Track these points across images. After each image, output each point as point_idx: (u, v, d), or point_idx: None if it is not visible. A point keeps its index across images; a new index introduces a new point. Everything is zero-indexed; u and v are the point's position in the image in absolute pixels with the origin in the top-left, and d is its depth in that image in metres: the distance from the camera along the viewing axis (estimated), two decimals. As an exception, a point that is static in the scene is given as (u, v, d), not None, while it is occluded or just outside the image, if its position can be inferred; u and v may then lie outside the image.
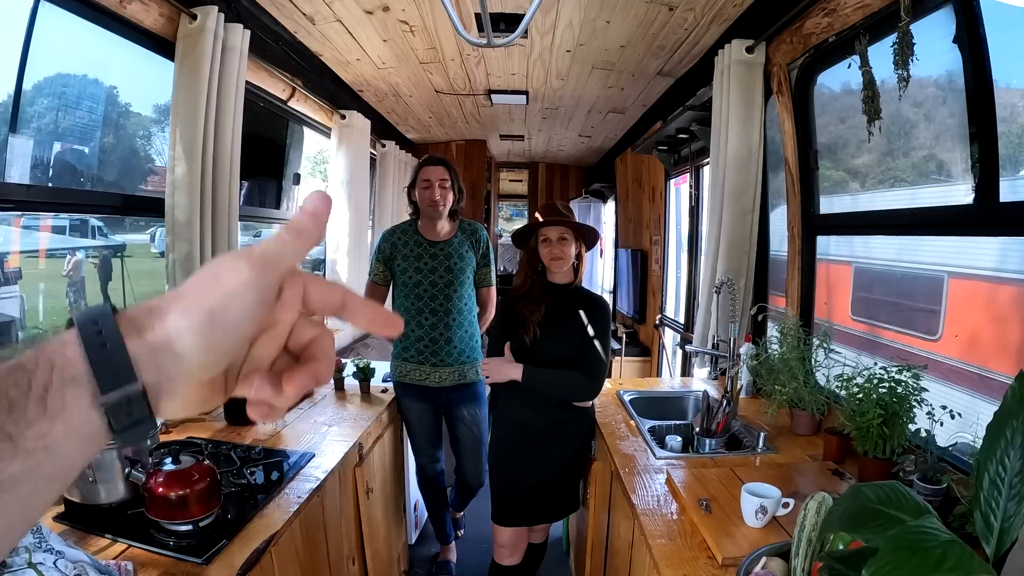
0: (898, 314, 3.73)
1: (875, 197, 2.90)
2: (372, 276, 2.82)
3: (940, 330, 3.47)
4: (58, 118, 2.61)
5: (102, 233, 7.43)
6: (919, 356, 3.39)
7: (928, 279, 3.49)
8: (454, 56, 3.58)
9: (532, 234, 2.34)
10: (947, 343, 3.41)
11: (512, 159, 8.28)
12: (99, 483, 1.55)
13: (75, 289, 4.62)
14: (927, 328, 3.55)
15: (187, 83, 2.28)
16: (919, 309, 3.63)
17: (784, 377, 2.29)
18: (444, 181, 2.68)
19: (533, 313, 2.27)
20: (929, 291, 3.49)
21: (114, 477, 1.56)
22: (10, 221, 3.80)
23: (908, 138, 2.65)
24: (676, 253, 5.03)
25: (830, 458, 2.05)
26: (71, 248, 4.68)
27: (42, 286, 4.94)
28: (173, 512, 1.46)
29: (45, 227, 5.22)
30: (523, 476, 2.36)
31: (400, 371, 2.78)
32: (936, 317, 3.47)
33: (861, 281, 3.81)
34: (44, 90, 2.49)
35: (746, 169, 2.76)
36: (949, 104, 2.18)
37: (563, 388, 2.28)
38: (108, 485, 1.56)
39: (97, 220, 7.08)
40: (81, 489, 1.56)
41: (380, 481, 2.63)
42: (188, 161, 2.30)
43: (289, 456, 2.05)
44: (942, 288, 3.41)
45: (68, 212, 2.86)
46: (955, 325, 3.36)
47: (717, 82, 2.90)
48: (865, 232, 2.72)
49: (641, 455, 2.12)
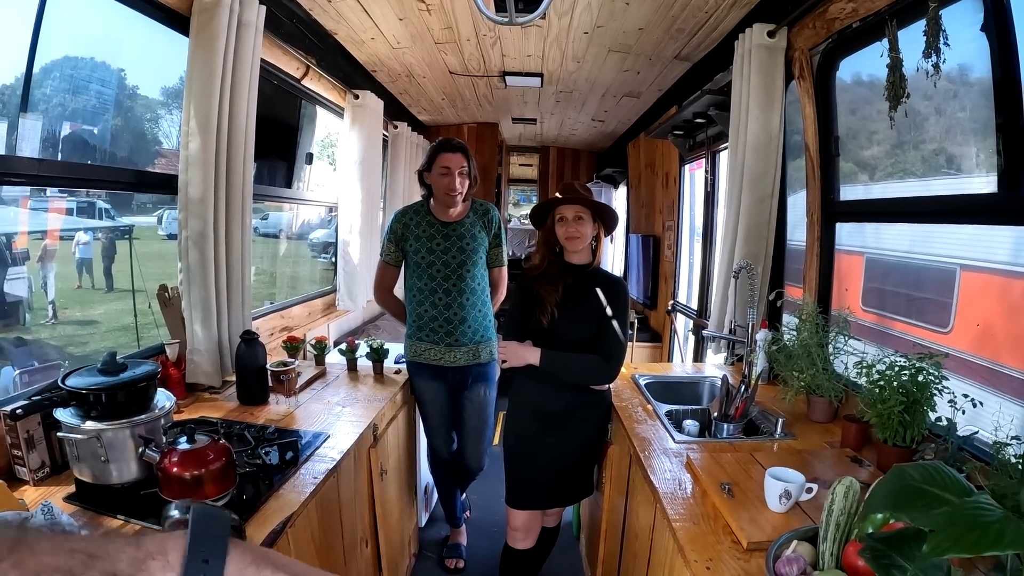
0: (909, 306, 3.73)
1: (887, 188, 2.87)
2: (384, 257, 2.80)
3: (951, 323, 3.48)
4: (67, 100, 2.60)
5: (109, 215, 7.44)
6: (929, 348, 3.36)
7: (940, 271, 3.46)
8: (470, 36, 3.54)
9: (549, 212, 2.30)
10: (958, 336, 3.42)
11: (523, 143, 8.26)
12: (111, 463, 1.53)
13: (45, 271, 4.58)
14: (938, 321, 3.54)
15: (202, 58, 2.25)
16: (930, 301, 3.62)
17: (803, 364, 2.27)
18: (463, 169, 2.64)
19: (550, 294, 2.24)
20: (941, 283, 3.48)
21: (127, 456, 1.54)
22: (18, 202, 3.81)
23: (919, 130, 2.61)
24: (689, 239, 4.99)
25: (848, 445, 2.04)
26: (74, 229, 4.66)
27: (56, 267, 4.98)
28: (188, 492, 1.43)
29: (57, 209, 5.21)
30: (539, 459, 2.34)
31: (414, 351, 2.77)
32: (947, 310, 3.46)
33: (872, 272, 3.78)
34: (53, 72, 2.48)
35: (765, 154, 2.73)
36: (961, 97, 2.19)
37: (581, 372, 2.25)
38: (120, 465, 1.55)
39: (104, 203, 7.10)
40: (92, 468, 1.55)
41: (394, 462, 2.63)
42: (203, 137, 2.27)
43: (303, 436, 2.04)
44: (954, 281, 3.39)
45: (82, 187, 2.84)
46: (967, 318, 3.35)
47: (737, 66, 2.86)
48: (885, 219, 2.68)
49: (659, 439, 2.10)
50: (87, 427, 1.52)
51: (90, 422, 1.53)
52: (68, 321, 6.61)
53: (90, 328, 6.68)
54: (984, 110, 1.90)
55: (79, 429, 1.52)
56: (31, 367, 3.82)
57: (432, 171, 2.66)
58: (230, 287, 2.51)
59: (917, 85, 1.98)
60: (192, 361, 2.42)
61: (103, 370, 1.60)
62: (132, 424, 1.57)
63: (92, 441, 1.52)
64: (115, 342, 6.06)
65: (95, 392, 1.54)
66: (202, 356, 2.42)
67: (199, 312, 2.39)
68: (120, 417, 1.56)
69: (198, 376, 2.43)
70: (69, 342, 6.24)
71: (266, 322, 3.29)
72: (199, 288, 2.37)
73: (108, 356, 1.62)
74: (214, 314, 2.41)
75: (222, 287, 2.45)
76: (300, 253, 5.99)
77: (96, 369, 1.61)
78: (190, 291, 2.38)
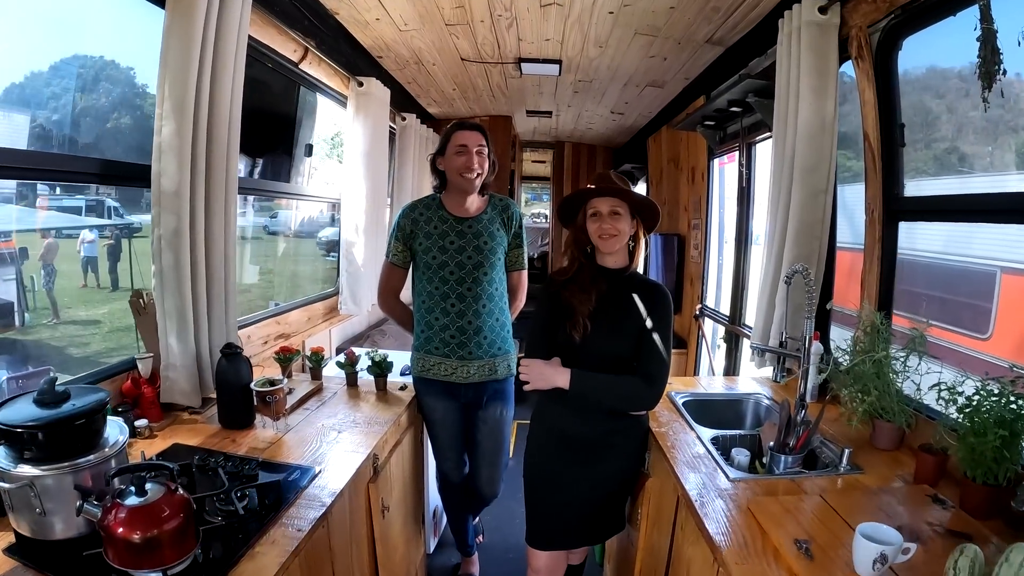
0: (943, 310, 3.54)
1: (920, 185, 2.59)
2: (390, 257, 2.47)
3: (991, 328, 3.32)
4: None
5: (118, 213, 7.22)
6: (965, 356, 3.24)
7: (979, 274, 3.33)
8: (483, 17, 3.24)
9: (580, 207, 1.98)
10: (998, 342, 3.27)
11: (537, 138, 7.94)
12: (49, 515, 1.25)
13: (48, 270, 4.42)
14: (975, 326, 3.37)
15: (178, 30, 1.96)
16: (967, 305, 3.48)
17: (869, 384, 1.95)
18: (482, 148, 2.33)
19: (582, 303, 1.90)
20: (979, 286, 3.34)
21: (69, 508, 1.25)
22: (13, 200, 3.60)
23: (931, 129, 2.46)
24: (719, 238, 4.65)
25: (924, 480, 1.74)
26: (51, 228, 4.45)
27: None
28: (137, 558, 1.15)
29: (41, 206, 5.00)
30: (565, 494, 2.02)
31: (422, 365, 2.44)
32: (986, 314, 3.31)
33: (904, 273, 3.62)
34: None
35: (819, 144, 2.40)
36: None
37: (618, 396, 1.90)
38: (61, 517, 1.27)
39: (113, 200, 6.88)
40: (30, 521, 1.27)
41: (398, 494, 2.32)
42: (178, 120, 1.98)
43: (290, 472, 1.74)
44: (994, 284, 3.28)
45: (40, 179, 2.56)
46: (1008, 324, 3.23)
47: (783, 47, 2.56)
48: (963, 219, 2.35)
49: (710, 475, 1.79)
50: (19, 472, 1.25)
51: (24, 466, 1.26)
52: (71, 321, 6.43)
53: (92, 328, 6.50)
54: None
55: (9, 475, 1.25)
56: (25, 372, 3.62)
57: (446, 153, 2.34)
58: (211, 294, 2.23)
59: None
60: (167, 378, 2.15)
61: (40, 400, 1.32)
62: (74, 468, 1.29)
63: (25, 489, 1.24)
64: (116, 342, 5.86)
65: (28, 430, 1.25)
66: (178, 372, 2.14)
67: (174, 322, 2.11)
68: (59, 459, 1.28)
69: (174, 395, 2.16)
70: (71, 343, 6.05)
71: (259, 329, 3.01)
72: (173, 295, 2.08)
73: (46, 383, 1.34)
74: (191, 325, 2.13)
75: (200, 294, 2.17)
76: (310, 252, 5.77)
77: (33, 399, 1.33)
78: (164, 299, 2.09)
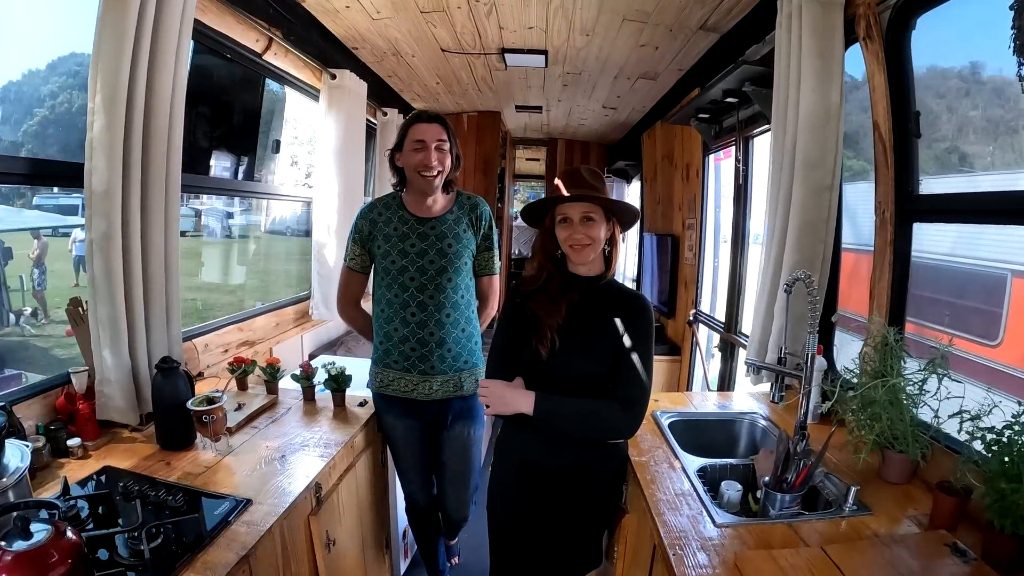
0: (950, 314, 3.35)
1: (929, 184, 2.41)
2: (348, 261, 2.26)
3: (1001, 334, 3.21)
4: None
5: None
6: (974, 364, 3.10)
7: (988, 277, 3.21)
8: (460, 4, 3.03)
9: (547, 210, 1.75)
10: (1008, 349, 3.12)
11: (529, 134, 7.75)
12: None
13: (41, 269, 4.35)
14: (984, 332, 3.25)
15: (112, 16, 1.76)
16: (975, 310, 3.35)
17: (880, 409, 1.72)
18: (442, 143, 2.08)
19: (551, 315, 1.68)
20: (988, 290, 3.23)
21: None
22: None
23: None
24: (714, 239, 4.42)
25: (940, 524, 1.50)
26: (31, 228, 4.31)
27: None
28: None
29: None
30: (532, 534, 1.79)
31: (380, 380, 2.22)
32: (996, 320, 3.20)
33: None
34: None
35: (823, 135, 2.17)
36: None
37: (589, 424, 1.66)
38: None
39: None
40: None
41: (350, 523, 2.09)
42: (108, 115, 1.79)
43: (218, 504, 1.53)
44: (1005, 288, 3.16)
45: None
46: (1019, 330, 3.09)
47: (783, 29, 2.33)
48: (984, 220, 2.11)
49: (694, 519, 1.55)
50: None
51: None
52: (60, 320, 6.26)
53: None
54: None
55: None
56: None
57: (403, 149, 2.11)
58: (149, 302, 2.02)
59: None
60: (102, 394, 1.96)
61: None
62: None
63: None
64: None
65: None
66: (113, 388, 1.95)
67: (107, 333, 1.91)
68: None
69: (110, 412, 1.97)
70: (57, 344, 5.87)
71: (219, 337, 2.79)
72: (106, 304, 1.88)
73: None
74: (124, 336, 1.93)
75: (137, 302, 1.96)
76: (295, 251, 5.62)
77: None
78: (96, 308, 1.90)
